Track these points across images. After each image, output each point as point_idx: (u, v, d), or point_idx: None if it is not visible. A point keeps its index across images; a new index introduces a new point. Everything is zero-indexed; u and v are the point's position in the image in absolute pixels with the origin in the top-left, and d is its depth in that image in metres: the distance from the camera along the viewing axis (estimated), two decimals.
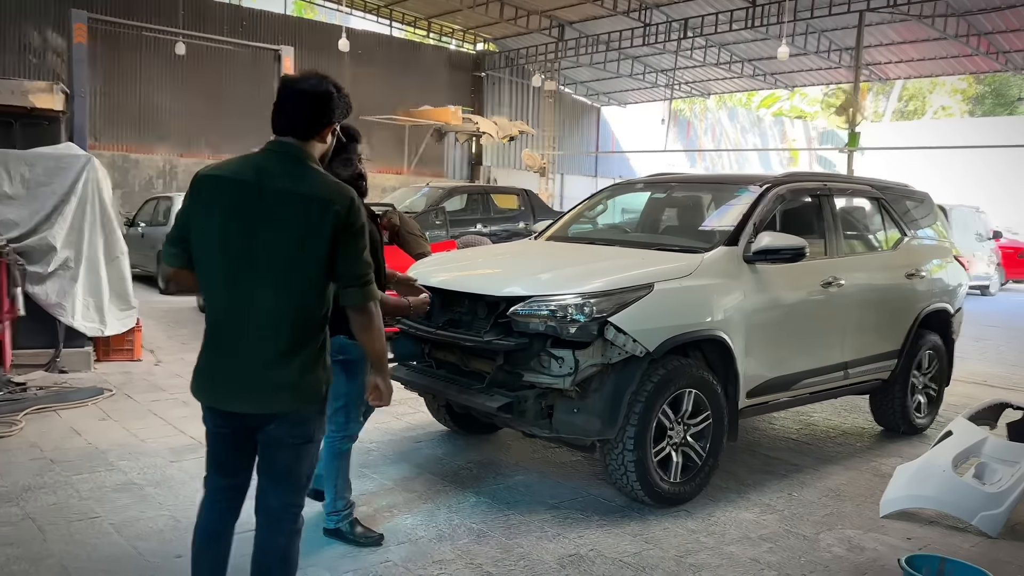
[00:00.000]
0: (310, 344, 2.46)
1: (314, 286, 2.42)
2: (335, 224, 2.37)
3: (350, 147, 3.51)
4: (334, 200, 2.39)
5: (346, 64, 21.43)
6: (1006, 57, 19.90)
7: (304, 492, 2.62)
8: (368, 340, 2.56)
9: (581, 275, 4.30)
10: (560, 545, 3.74)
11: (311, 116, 2.48)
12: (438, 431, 5.48)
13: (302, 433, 2.50)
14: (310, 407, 2.50)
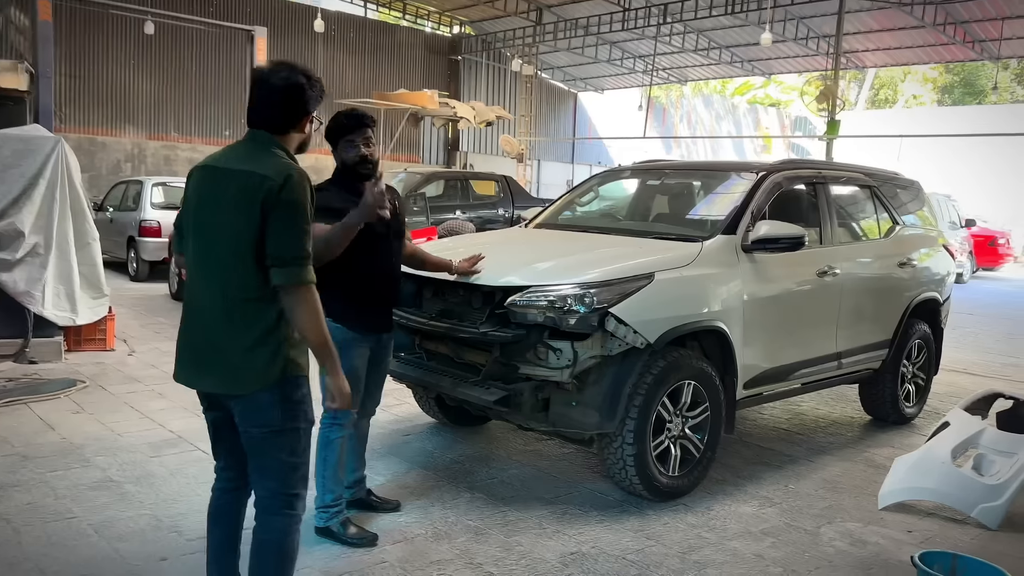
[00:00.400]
0: (258, 324, 2.41)
1: (255, 263, 2.38)
2: (265, 198, 2.35)
3: (357, 130, 3.44)
4: (270, 175, 2.37)
5: (320, 46, 21.05)
6: (981, 46, 20.05)
7: (294, 480, 2.55)
8: (300, 329, 2.43)
9: (580, 264, 4.18)
10: (560, 542, 3.64)
11: (285, 111, 2.49)
12: (427, 423, 5.34)
13: (264, 420, 2.46)
14: (265, 392, 2.43)
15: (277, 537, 2.57)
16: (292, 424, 2.50)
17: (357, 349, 3.50)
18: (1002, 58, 21.11)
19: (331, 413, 3.55)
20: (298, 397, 2.50)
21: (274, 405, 2.45)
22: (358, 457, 3.82)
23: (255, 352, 2.41)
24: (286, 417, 2.48)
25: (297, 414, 2.51)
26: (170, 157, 18.83)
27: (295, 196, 2.37)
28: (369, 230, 3.43)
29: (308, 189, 2.42)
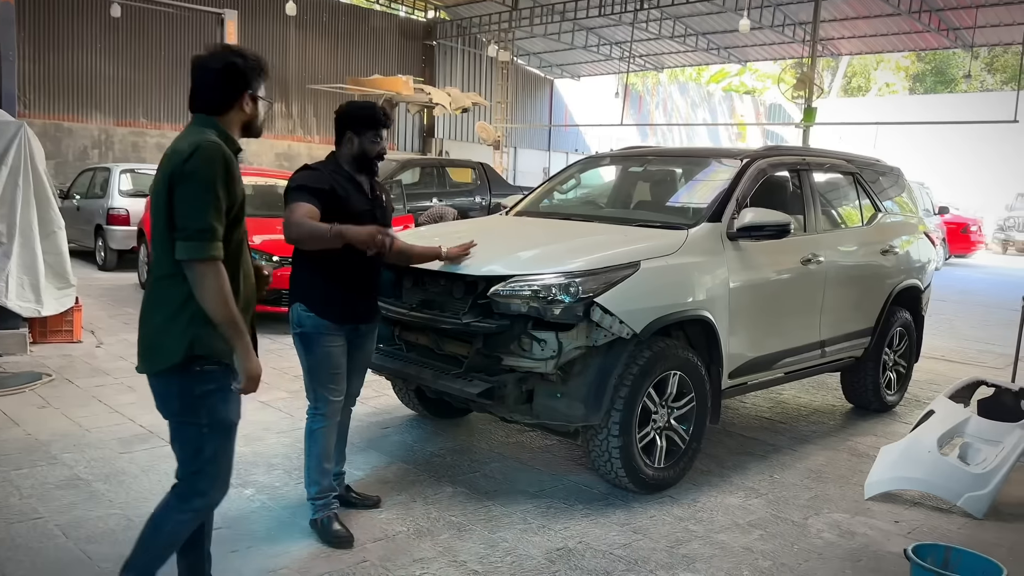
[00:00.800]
0: (170, 301, 2.40)
1: (165, 239, 2.37)
2: (171, 171, 2.35)
3: (384, 129, 3.50)
4: (181, 148, 2.36)
5: (292, 30, 20.70)
6: (955, 34, 20.17)
7: (192, 474, 2.51)
8: (203, 305, 2.34)
9: (564, 253, 4.07)
10: (546, 538, 3.55)
11: (220, 91, 2.49)
12: (406, 416, 5.23)
13: (168, 408, 2.45)
14: (168, 375, 2.40)
15: (162, 515, 2.54)
16: (192, 419, 2.44)
17: (330, 337, 3.42)
18: (975, 46, 21.26)
19: (312, 403, 3.48)
20: (199, 392, 2.42)
21: (174, 396, 2.43)
22: (338, 451, 3.70)
23: (164, 329, 2.40)
24: (184, 410, 2.44)
25: (198, 410, 2.43)
26: (138, 144, 18.44)
27: (198, 167, 2.32)
28: (346, 215, 3.36)
29: (217, 162, 2.35)
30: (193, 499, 2.53)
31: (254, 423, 4.92)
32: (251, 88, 2.52)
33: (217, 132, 2.45)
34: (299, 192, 3.34)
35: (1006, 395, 4.98)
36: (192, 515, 2.56)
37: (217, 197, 2.33)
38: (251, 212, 8.47)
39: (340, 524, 3.44)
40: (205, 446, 2.47)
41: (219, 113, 2.49)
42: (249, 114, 2.54)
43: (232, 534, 3.43)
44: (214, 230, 2.32)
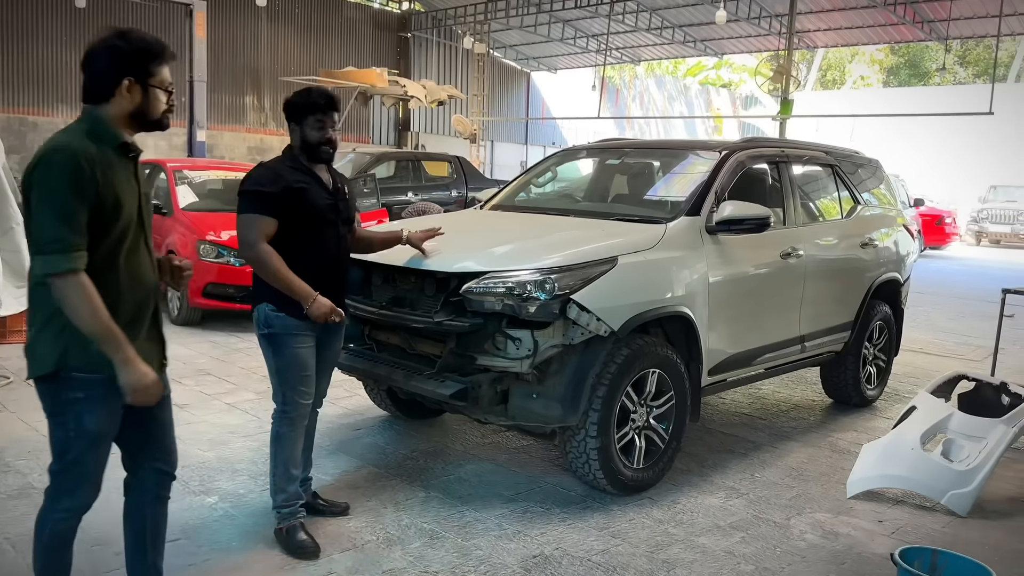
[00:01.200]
0: (42, 310, 2.31)
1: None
2: (25, 181, 2.24)
3: (328, 111, 3.27)
4: (34, 158, 2.23)
5: (263, 22, 20.36)
6: (930, 26, 20.24)
7: (55, 473, 2.45)
8: (72, 320, 2.22)
9: (540, 248, 3.94)
10: (522, 545, 3.42)
11: (98, 76, 2.32)
12: (378, 417, 5.08)
13: (44, 407, 2.39)
14: (42, 380, 2.34)
15: (40, 517, 2.51)
16: (59, 420, 2.38)
17: (300, 338, 3.27)
18: (950, 38, 21.37)
19: (279, 406, 3.32)
20: (66, 398, 2.33)
21: (47, 398, 2.37)
22: (304, 457, 3.54)
23: (38, 338, 2.33)
24: (53, 411, 2.38)
25: (64, 413, 2.35)
26: None
27: (39, 177, 2.19)
28: (314, 217, 3.23)
29: (64, 169, 2.18)
30: (61, 498, 2.47)
31: (219, 426, 4.75)
32: (132, 74, 2.31)
33: (90, 128, 2.29)
34: (253, 200, 3.17)
35: (987, 389, 4.92)
36: (64, 514, 2.49)
37: (68, 205, 2.17)
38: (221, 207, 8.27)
39: (306, 534, 3.29)
40: (70, 449, 2.40)
41: (98, 102, 2.32)
42: (135, 103, 2.33)
43: (191, 545, 3.28)
44: (66, 240, 2.17)
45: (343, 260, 3.42)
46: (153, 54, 2.35)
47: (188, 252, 7.42)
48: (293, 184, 3.20)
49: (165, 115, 2.41)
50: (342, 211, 3.36)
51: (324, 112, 3.26)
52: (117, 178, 2.28)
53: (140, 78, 2.33)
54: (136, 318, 2.39)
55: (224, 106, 19.79)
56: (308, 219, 3.21)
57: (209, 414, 4.97)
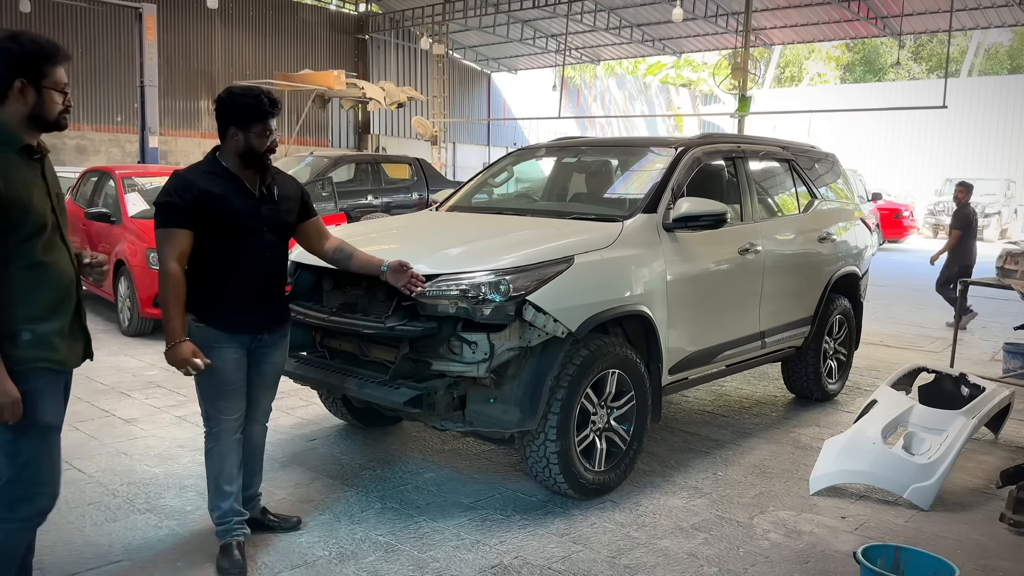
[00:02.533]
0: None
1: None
2: None
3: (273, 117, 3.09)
4: None
5: (217, 24, 20.02)
6: (884, 22, 20.57)
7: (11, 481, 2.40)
8: None
9: (494, 249, 3.85)
10: (480, 555, 3.32)
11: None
12: (334, 425, 4.94)
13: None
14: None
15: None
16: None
17: (223, 351, 3.07)
18: (903, 34, 21.73)
19: (205, 422, 3.18)
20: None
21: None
22: (249, 472, 3.39)
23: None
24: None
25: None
26: (57, 146, 17.58)
27: None
28: (232, 224, 3.05)
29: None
30: (19, 506, 2.42)
31: (167, 440, 4.59)
32: (25, 75, 2.31)
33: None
34: (165, 212, 2.98)
35: (946, 381, 4.95)
36: (22, 524, 2.47)
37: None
38: None
39: (239, 553, 3.13)
40: (20, 451, 2.38)
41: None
42: (30, 104, 2.32)
43: (132, 566, 3.13)
44: None
45: (273, 268, 3.22)
46: (46, 55, 2.35)
47: (138, 260, 7.20)
48: (205, 191, 3.00)
49: (62, 116, 2.41)
50: (267, 216, 3.14)
51: (271, 118, 3.09)
52: (22, 180, 2.28)
53: (33, 80, 2.33)
54: (57, 313, 2.40)
55: (178, 111, 19.43)
56: (225, 226, 3.02)
57: (157, 428, 4.79)
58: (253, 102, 3.05)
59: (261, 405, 3.35)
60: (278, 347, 3.32)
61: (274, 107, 3.09)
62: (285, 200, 3.24)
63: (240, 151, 3.07)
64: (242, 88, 3.16)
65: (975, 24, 21.02)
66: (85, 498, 3.76)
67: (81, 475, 3.99)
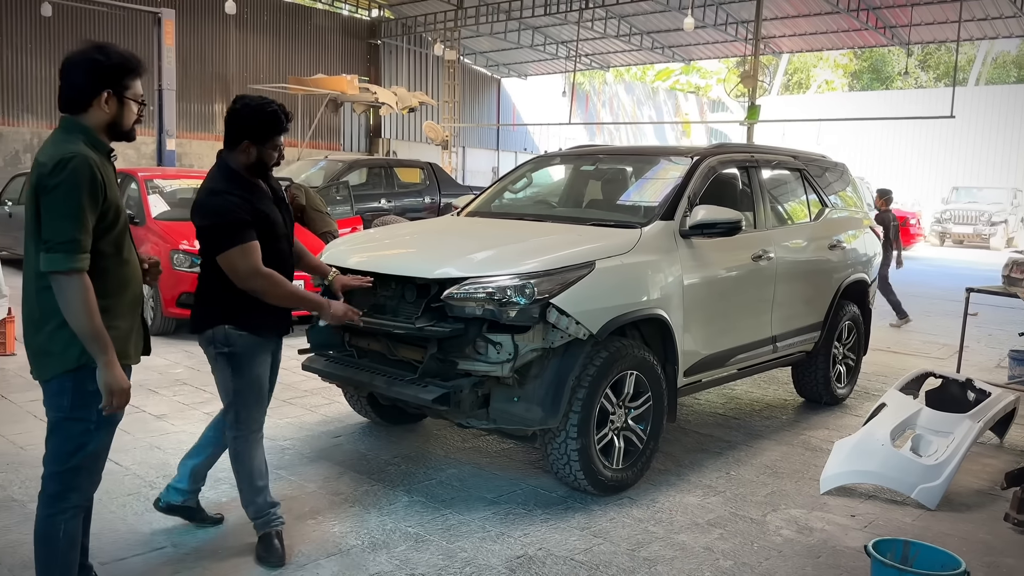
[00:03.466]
0: (55, 311, 2.39)
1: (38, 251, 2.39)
2: (38, 184, 2.35)
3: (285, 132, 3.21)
4: (44, 161, 2.36)
5: (232, 29, 20.24)
6: (892, 32, 20.70)
7: (58, 473, 2.52)
8: (65, 317, 2.36)
9: (519, 254, 4.00)
10: (506, 546, 3.47)
11: (79, 88, 2.45)
12: (358, 423, 5.10)
13: (58, 404, 2.47)
14: (64, 378, 2.44)
15: (37, 526, 2.57)
16: (82, 415, 2.47)
17: (260, 356, 3.24)
18: (912, 43, 21.85)
19: (232, 424, 3.29)
20: (93, 388, 2.43)
21: (65, 392, 2.45)
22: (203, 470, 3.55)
23: (54, 337, 2.41)
24: (75, 407, 2.46)
25: (88, 405, 2.46)
26: None
27: (60, 180, 2.31)
28: (274, 233, 3.21)
29: (82, 175, 2.33)
30: (70, 495, 2.54)
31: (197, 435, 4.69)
32: (111, 87, 2.45)
33: (85, 137, 2.43)
34: (242, 228, 3.05)
35: (953, 386, 5.07)
36: (74, 511, 2.57)
37: (82, 209, 2.32)
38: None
39: (279, 542, 3.28)
40: (90, 442, 2.51)
41: (78, 112, 2.45)
42: (111, 114, 2.48)
43: (176, 552, 3.29)
44: (78, 242, 2.32)
45: (292, 269, 3.38)
46: (130, 68, 2.50)
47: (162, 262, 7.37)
48: (257, 207, 3.13)
49: (134, 126, 2.56)
50: (286, 219, 3.33)
51: (284, 133, 3.20)
52: (113, 183, 2.45)
53: (117, 91, 2.46)
54: (133, 312, 2.58)
55: (193, 114, 19.65)
56: (268, 235, 3.16)
57: (187, 424, 4.96)
58: (271, 118, 3.13)
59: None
60: (280, 348, 3.46)
61: (289, 121, 3.21)
62: (290, 201, 3.42)
63: (251, 163, 3.16)
64: (257, 100, 3.18)
65: (983, 34, 21.14)
66: (124, 489, 3.92)
67: (119, 467, 4.15)
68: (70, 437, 2.49)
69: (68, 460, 2.50)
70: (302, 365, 4.47)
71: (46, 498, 2.54)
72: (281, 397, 5.63)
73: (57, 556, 2.55)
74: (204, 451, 3.53)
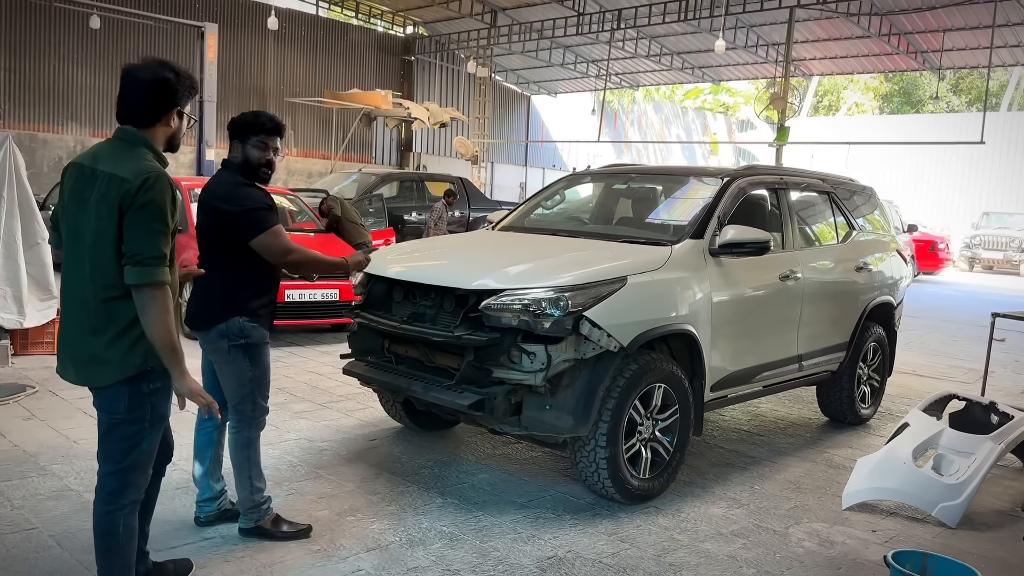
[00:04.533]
0: (118, 320, 2.51)
1: (113, 262, 2.49)
2: (122, 200, 2.45)
3: (273, 134, 3.48)
4: (128, 178, 2.46)
5: (271, 43, 20.71)
6: (923, 57, 20.70)
7: (122, 470, 2.65)
8: (146, 328, 2.50)
9: (553, 268, 4.17)
10: (536, 547, 3.62)
11: (150, 103, 2.58)
12: (392, 428, 5.28)
13: (114, 408, 2.58)
14: (121, 384, 2.55)
15: (106, 521, 2.67)
16: (137, 415, 2.60)
17: (268, 347, 3.56)
18: (943, 68, 21.83)
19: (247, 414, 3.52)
20: (147, 389, 2.59)
21: (123, 396, 2.57)
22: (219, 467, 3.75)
23: (113, 346, 2.52)
24: (131, 408, 2.59)
25: (143, 406, 2.60)
26: None
27: (150, 198, 2.45)
28: None
29: (165, 191, 2.49)
30: (127, 491, 2.67)
31: None
32: (179, 104, 2.63)
33: (151, 152, 2.58)
34: (268, 214, 3.40)
35: (976, 408, 5.15)
36: (131, 506, 2.69)
37: (168, 225, 2.49)
38: None
39: (288, 522, 3.59)
40: (144, 440, 2.64)
41: (146, 126, 2.58)
42: (174, 129, 2.65)
43: (224, 541, 3.49)
44: (164, 256, 2.48)
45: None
46: (195, 88, 2.70)
47: None
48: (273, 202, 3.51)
49: (180, 141, 2.74)
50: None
51: (269, 134, 3.47)
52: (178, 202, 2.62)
53: (181, 109, 2.66)
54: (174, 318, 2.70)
55: None
56: None
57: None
58: (252, 118, 3.48)
59: None
60: None
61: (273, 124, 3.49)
62: None
63: (240, 161, 3.47)
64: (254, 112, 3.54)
65: (1015, 61, 21.06)
66: (173, 483, 4.11)
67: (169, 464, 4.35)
68: (125, 437, 2.61)
69: (124, 459, 2.63)
70: (343, 369, 4.67)
71: (105, 495, 2.66)
72: (318, 401, 5.83)
73: (118, 549, 2.67)
74: (204, 456, 3.69)
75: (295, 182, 19.95)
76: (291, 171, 21.21)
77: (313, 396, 5.98)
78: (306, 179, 20.37)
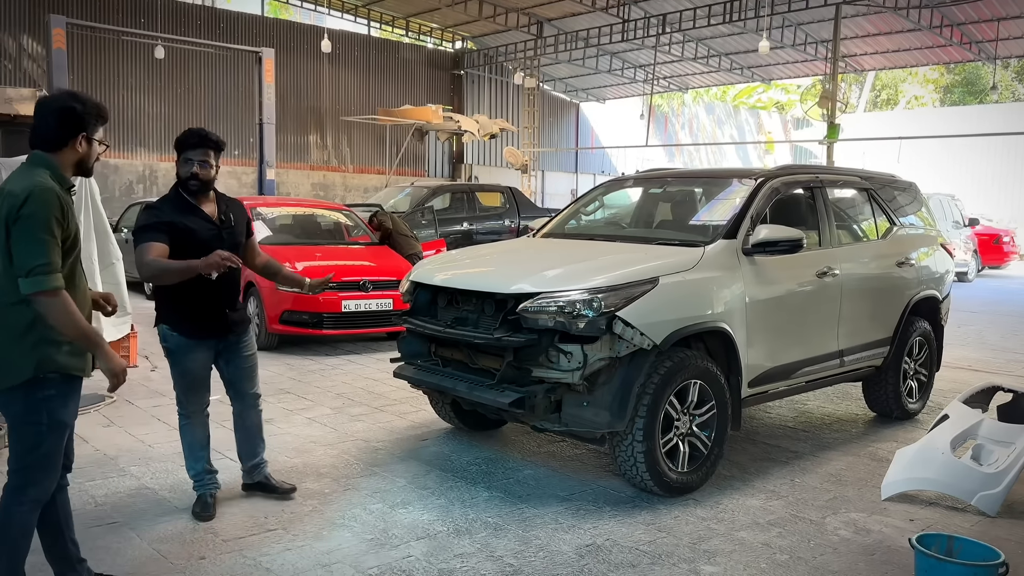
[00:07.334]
0: (15, 326, 2.68)
1: (8, 271, 2.64)
2: (7, 215, 2.62)
3: (196, 148, 3.72)
4: (15, 192, 2.63)
5: (326, 65, 21.37)
6: (979, 47, 20.23)
7: (24, 468, 2.79)
8: (58, 330, 2.67)
9: (587, 271, 4.37)
10: (576, 536, 3.82)
11: (56, 130, 2.77)
12: (443, 429, 5.53)
13: (10, 412, 2.75)
14: (16, 388, 2.70)
15: (3, 514, 2.81)
16: (33, 418, 2.75)
17: (192, 353, 3.88)
18: (999, 58, 21.27)
19: (180, 405, 3.98)
20: (42, 396, 2.74)
21: (17, 400, 2.72)
22: (249, 444, 4.21)
23: (10, 350, 2.69)
24: (27, 411, 2.74)
25: (39, 411, 2.74)
26: None
27: (32, 210, 2.61)
28: (192, 245, 3.68)
29: (49, 203, 2.63)
30: (29, 489, 2.81)
31: (301, 437, 5.26)
32: (86, 131, 2.81)
33: (51, 172, 2.74)
34: (145, 233, 3.65)
35: (1023, 400, 5.14)
36: (31, 504, 2.84)
37: (53, 235, 2.63)
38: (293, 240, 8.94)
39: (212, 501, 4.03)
40: (43, 443, 2.80)
41: (53, 150, 2.78)
42: (82, 154, 2.83)
43: (286, 533, 3.76)
44: (52, 264, 2.62)
45: (230, 281, 3.84)
46: (101, 116, 2.88)
47: (266, 282, 8.02)
48: (176, 222, 3.69)
49: (94, 165, 2.93)
50: (226, 240, 3.82)
51: (191, 149, 3.71)
52: (72, 213, 2.78)
53: (88, 135, 2.83)
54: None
55: (289, 145, 20.80)
56: (196, 251, 3.62)
57: (292, 427, 5.49)
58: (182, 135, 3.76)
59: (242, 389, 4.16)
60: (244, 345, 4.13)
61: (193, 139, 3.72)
62: (236, 223, 3.94)
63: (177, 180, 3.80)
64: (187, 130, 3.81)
65: None
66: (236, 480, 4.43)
67: (234, 463, 4.66)
68: (23, 439, 2.78)
69: (25, 458, 2.79)
70: (393, 373, 4.95)
71: (9, 490, 2.81)
72: (373, 405, 6.13)
73: (6, 542, 2.80)
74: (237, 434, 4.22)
75: (352, 197, 20.54)
76: (348, 187, 21.83)
77: (369, 400, 6.28)
78: (362, 194, 20.94)
